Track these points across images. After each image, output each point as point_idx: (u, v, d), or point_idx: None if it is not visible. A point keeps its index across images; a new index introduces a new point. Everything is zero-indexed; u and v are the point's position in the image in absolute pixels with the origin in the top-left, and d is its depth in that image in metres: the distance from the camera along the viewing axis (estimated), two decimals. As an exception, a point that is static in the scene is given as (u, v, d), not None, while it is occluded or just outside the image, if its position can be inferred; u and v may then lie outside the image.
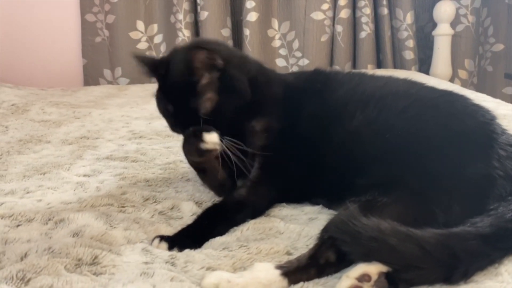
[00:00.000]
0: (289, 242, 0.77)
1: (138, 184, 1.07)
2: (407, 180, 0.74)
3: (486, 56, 2.66)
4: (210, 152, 0.87)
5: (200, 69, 0.86)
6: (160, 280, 0.65)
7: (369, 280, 0.60)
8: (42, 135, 1.51)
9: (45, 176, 1.14)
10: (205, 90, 0.87)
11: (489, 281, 0.62)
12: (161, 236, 0.76)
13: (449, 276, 0.61)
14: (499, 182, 0.74)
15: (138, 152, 1.30)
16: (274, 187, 0.88)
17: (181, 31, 2.50)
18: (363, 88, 0.91)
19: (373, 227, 0.62)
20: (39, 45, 2.57)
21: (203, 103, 0.87)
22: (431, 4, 2.61)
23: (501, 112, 1.51)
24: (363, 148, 0.82)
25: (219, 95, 0.88)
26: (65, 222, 0.84)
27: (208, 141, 0.85)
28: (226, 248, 0.76)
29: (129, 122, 1.65)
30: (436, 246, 0.61)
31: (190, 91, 0.87)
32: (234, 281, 0.63)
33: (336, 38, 2.58)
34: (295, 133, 0.92)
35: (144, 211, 0.91)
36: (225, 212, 0.83)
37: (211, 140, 0.85)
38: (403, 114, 0.82)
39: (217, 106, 0.87)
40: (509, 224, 0.68)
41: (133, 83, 2.51)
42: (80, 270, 0.68)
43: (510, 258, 0.66)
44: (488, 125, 0.82)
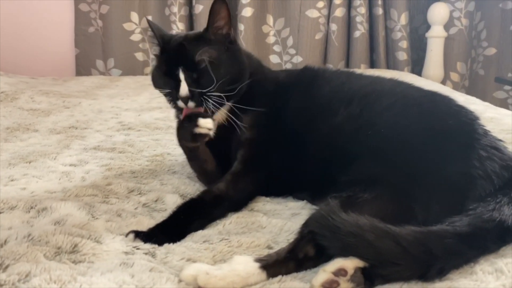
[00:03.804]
0: (271, 236, 0.78)
1: (124, 175, 1.07)
2: (388, 177, 0.74)
3: (478, 59, 2.68)
4: (204, 137, 0.87)
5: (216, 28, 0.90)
6: (139, 270, 0.65)
7: (345, 274, 0.61)
8: (30, 123, 1.50)
9: (31, 164, 1.13)
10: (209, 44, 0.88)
11: (464, 280, 0.62)
12: (135, 232, 0.75)
13: (424, 273, 0.62)
14: (478, 182, 0.75)
15: (126, 144, 1.30)
16: (255, 181, 0.89)
17: (176, 24, 2.49)
18: (349, 86, 0.92)
19: (352, 223, 0.63)
20: (32, 33, 2.54)
21: (204, 52, 0.87)
22: (425, 6, 2.62)
23: (489, 115, 1.53)
24: (345, 144, 0.83)
25: (220, 54, 0.89)
26: (47, 211, 0.84)
27: (202, 125, 0.85)
28: (207, 241, 0.76)
29: (119, 114, 1.65)
30: (413, 243, 0.62)
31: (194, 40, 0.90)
32: (213, 273, 0.63)
33: (330, 36, 2.59)
34: (281, 128, 0.93)
35: (128, 203, 0.91)
36: (202, 207, 0.83)
37: (205, 125, 0.85)
38: (386, 112, 0.83)
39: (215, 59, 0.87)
40: (486, 224, 0.68)
41: (126, 74, 2.50)
42: (60, 258, 0.68)
43: (486, 258, 0.67)
44: (470, 126, 0.83)
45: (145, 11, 2.54)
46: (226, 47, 0.91)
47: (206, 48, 0.88)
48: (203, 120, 0.85)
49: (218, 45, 0.90)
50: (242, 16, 2.52)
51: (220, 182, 0.87)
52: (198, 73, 0.87)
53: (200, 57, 0.86)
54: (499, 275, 0.63)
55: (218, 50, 0.89)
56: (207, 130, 0.85)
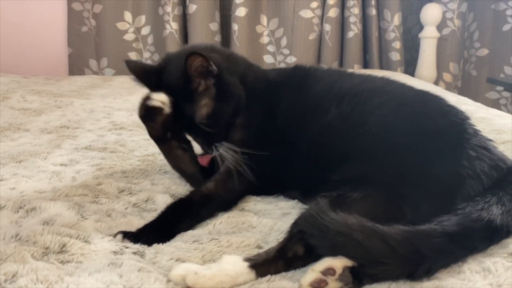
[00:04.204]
0: (260, 236, 0.78)
1: (115, 175, 1.06)
2: (377, 176, 0.75)
3: (471, 60, 2.70)
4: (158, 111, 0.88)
5: (196, 77, 0.86)
6: (128, 270, 0.65)
7: (333, 274, 0.61)
8: (21, 123, 1.49)
9: (21, 164, 1.12)
10: (202, 97, 0.87)
11: (451, 279, 0.63)
12: (124, 232, 0.75)
13: (412, 273, 0.62)
14: (468, 181, 0.75)
15: (117, 143, 1.29)
16: (245, 180, 0.88)
17: (169, 23, 2.49)
18: (340, 84, 0.92)
19: (341, 222, 0.63)
20: (24, 33, 2.52)
21: (199, 110, 0.87)
22: (418, 7, 2.63)
23: (480, 115, 1.54)
24: (336, 142, 0.83)
25: (215, 101, 0.88)
26: (36, 211, 0.83)
27: (155, 98, 0.87)
28: (196, 240, 0.76)
29: (111, 113, 1.64)
30: (401, 242, 0.62)
31: (186, 98, 0.87)
32: (201, 273, 0.63)
33: (324, 36, 2.59)
34: (272, 127, 0.92)
35: (118, 203, 0.91)
36: (191, 206, 0.83)
37: (158, 98, 0.87)
38: (377, 111, 0.83)
39: (213, 112, 0.87)
40: (475, 224, 0.69)
41: (119, 74, 2.49)
42: (47, 258, 0.67)
43: (474, 257, 0.67)
44: (460, 126, 0.83)
45: (138, 11, 2.53)
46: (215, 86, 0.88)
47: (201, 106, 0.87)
48: (156, 94, 0.87)
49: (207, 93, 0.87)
50: (235, 16, 2.52)
51: (209, 182, 0.87)
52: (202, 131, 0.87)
53: (200, 119, 0.87)
54: (487, 274, 0.63)
55: (210, 98, 0.87)
56: (160, 103, 0.87)
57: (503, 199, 0.73)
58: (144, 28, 2.55)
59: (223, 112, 0.88)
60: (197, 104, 0.87)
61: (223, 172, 0.88)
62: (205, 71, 0.86)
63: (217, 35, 2.55)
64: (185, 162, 0.95)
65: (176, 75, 0.88)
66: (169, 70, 0.90)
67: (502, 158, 0.82)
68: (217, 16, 2.55)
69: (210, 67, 0.86)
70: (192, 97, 0.87)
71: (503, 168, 0.80)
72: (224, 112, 0.89)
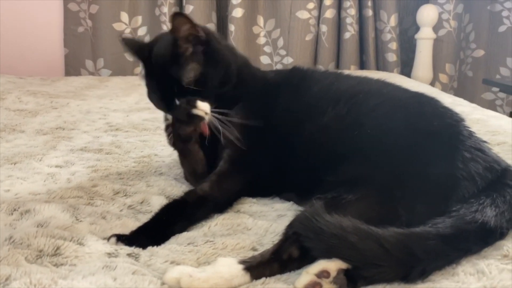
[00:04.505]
0: (256, 238, 0.78)
1: (110, 177, 1.06)
2: (373, 178, 0.75)
3: (467, 61, 2.71)
4: (200, 120, 0.88)
5: (184, 40, 0.88)
6: (122, 273, 0.64)
7: (328, 276, 0.61)
8: (16, 124, 1.49)
9: (16, 166, 1.12)
10: (189, 61, 0.88)
11: (445, 281, 0.63)
12: (118, 235, 0.74)
13: (407, 275, 0.62)
14: (462, 183, 0.75)
15: (113, 145, 1.29)
16: (241, 182, 0.88)
17: (166, 24, 2.48)
18: (337, 86, 0.92)
19: (335, 224, 0.63)
20: (20, 33, 2.51)
21: (186, 73, 0.87)
22: (414, 8, 2.64)
23: (475, 116, 1.55)
24: (331, 144, 0.83)
25: (203, 66, 0.89)
26: (31, 213, 0.83)
27: (200, 107, 0.87)
28: (191, 243, 0.75)
29: (107, 114, 1.64)
30: (395, 244, 0.62)
31: (174, 63, 0.89)
32: (196, 276, 0.63)
33: (320, 37, 2.60)
34: (268, 128, 0.92)
35: (113, 204, 0.90)
36: (185, 208, 0.82)
37: (202, 107, 0.87)
38: (373, 113, 0.83)
39: (200, 75, 0.88)
40: (469, 226, 0.69)
41: (116, 75, 2.48)
42: (41, 261, 0.67)
43: (468, 259, 0.67)
44: (455, 127, 0.83)
45: (135, 11, 2.53)
46: (203, 53, 0.89)
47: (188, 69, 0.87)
48: (201, 102, 0.87)
49: (195, 57, 0.89)
50: (232, 17, 2.52)
51: (204, 183, 0.87)
52: (191, 95, 0.87)
53: (187, 80, 0.87)
54: (481, 276, 0.63)
55: (197, 63, 0.89)
56: (203, 113, 0.87)
57: (497, 200, 0.74)
58: (140, 29, 2.55)
59: (212, 77, 0.89)
60: (185, 68, 0.88)
61: (218, 173, 0.88)
62: (193, 35, 0.88)
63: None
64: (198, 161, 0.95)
65: (165, 42, 0.90)
66: (160, 42, 0.93)
67: (497, 159, 0.83)
68: (214, 16, 2.55)
69: (198, 32, 0.89)
70: (180, 62, 0.88)
71: (497, 169, 0.80)
72: (213, 77, 0.89)
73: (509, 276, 0.63)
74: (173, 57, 0.89)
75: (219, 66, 0.91)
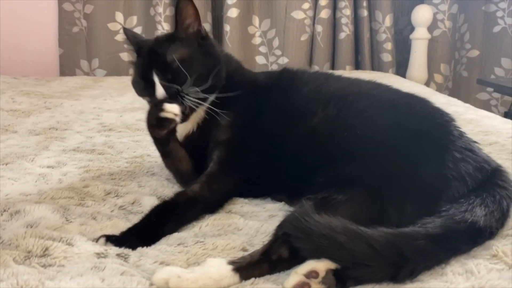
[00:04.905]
0: (246, 239, 0.78)
1: (102, 177, 1.06)
2: (362, 178, 0.74)
3: (462, 61, 2.72)
4: (170, 123, 0.87)
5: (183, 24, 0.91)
6: (110, 274, 0.64)
7: (316, 276, 0.61)
8: (9, 124, 1.48)
9: (7, 166, 1.11)
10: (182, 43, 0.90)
11: (434, 281, 0.63)
12: (107, 236, 0.74)
13: (395, 275, 0.62)
14: (452, 183, 0.75)
15: (106, 145, 1.29)
16: (231, 182, 0.88)
17: (161, 24, 2.48)
18: (327, 88, 0.93)
19: (324, 225, 0.63)
20: (15, 33, 2.50)
21: (174, 50, 0.88)
22: (409, 8, 2.65)
23: (469, 116, 1.55)
24: (321, 145, 0.83)
25: (193, 52, 0.91)
26: (20, 214, 0.83)
27: (168, 110, 0.86)
28: (181, 243, 0.75)
29: (100, 115, 1.63)
30: (384, 245, 0.62)
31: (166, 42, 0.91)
32: (185, 276, 0.62)
33: (316, 38, 2.60)
34: (259, 129, 0.92)
35: (104, 205, 0.90)
36: (176, 209, 0.82)
37: (171, 110, 0.86)
38: (363, 114, 0.83)
39: (188, 58, 0.89)
40: (458, 226, 0.69)
41: (110, 75, 2.48)
42: (29, 262, 0.66)
43: (457, 259, 0.67)
44: (445, 128, 0.83)
45: (130, 11, 2.52)
46: (198, 43, 0.92)
47: (175, 47, 0.89)
48: (169, 105, 0.86)
49: (189, 42, 0.91)
50: (228, 17, 2.52)
51: (194, 184, 0.86)
52: (171, 73, 0.87)
53: (171, 56, 0.87)
54: (469, 276, 0.63)
55: (189, 47, 0.91)
56: (172, 115, 0.86)
57: (487, 200, 0.74)
58: (135, 29, 2.54)
59: (198, 64, 0.90)
60: (175, 46, 0.89)
61: (208, 174, 0.88)
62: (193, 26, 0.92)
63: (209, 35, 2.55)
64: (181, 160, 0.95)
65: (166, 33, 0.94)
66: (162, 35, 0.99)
67: (487, 159, 0.83)
68: (209, 16, 2.55)
69: (199, 24, 0.92)
70: (173, 40, 0.91)
71: (487, 169, 0.80)
72: (199, 64, 0.90)
73: (497, 276, 0.63)
74: (167, 38, 0.92)
75: (209, 60, 0.93)
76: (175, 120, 0.87)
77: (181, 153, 0.94)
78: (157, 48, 0.90)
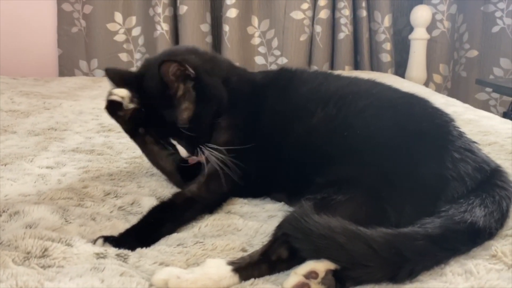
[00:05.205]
0: (246, 239, 0.78)
1: (101, 178, 1.05)
2: (361, 179, 0.74)
3: (461, 61, 2.72)
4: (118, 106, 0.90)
5: (174, 82, 0.86)
6: (110, 274, 0.64)
7: (316, 277, 0.61)
8: (8, 125, 1.48)
9: (6, 167, 1.11)
10: (181, 101, 0.87)
11: (433, 281, 0.63)
12: (105, 237, 0.74)
13: (395, 275, 0.62)
14: (451, 183, 0.75)
15: (105, 146, 1.29)
16: (229, 183, 0.88)
17: (160, 24, 2.48)
18: (326, 87, 0.92)
19: (324, 225, 0.63)
20: (14, 34, 2.50)
21: (180, 114, 0.87)
22: (408, 8, 2.65)
23: (468, 117, 1.55)
24: (320, 145, 0.83)
25: (196, 104, 0.88)
26: (20, 214, 0.82)
27: (115, 93, 0.89)
28: (181, 244, 0.75)
29: (99, 115, 1.63)
30: (383, 245, 0.62)
31: (166, 104, 0.87)
32: (184, 277, 0.62)
33: (315, 38, 2.60)
34: (257, 129, 0.92)
35: (104, 206, 0.90)
36: (173, 210, 0.82)
37: (118, 93, 0.89)
38: (362, 113, 0.83)
39: (194, 115, 0.88)
40: (457, 226, 0.69)
41: (109, 75, 2.48)
42: (29, 263, 0.66)
43: (457, 259, 0.67)
44: (445, 128, 0.83)
45: (129, 12, 2.52)
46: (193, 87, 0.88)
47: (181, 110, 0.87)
48: (117, 89, 0.90)
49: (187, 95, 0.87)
50: (226, 17, 2.52)
51: (192, 184, 0.87)
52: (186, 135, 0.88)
53: (182, 123, 0.87)
54: (469, 277, 0.63)
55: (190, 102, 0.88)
56: (119, 97, 0.89)
57: (486, 201, 0.74)
58: (134, 29, 2.54)
59: (205, 114, 0.89)
60: (178, 109, 0.87)
61: (206, 174, 0.88)
62: (182, 75, 0.86)
63: (208, 36, 2.55)
64: (162, 158, 0.96)
65: (154, 82, 0.88)
66: (148, 77, 0.90)
67: (486, 160, 0.83)
68: (208, 17, 2.55)
69: (187, 70, 0.86)
70: (172, 103, 0.87)
71: (486, 170, 0.80)
72: (206, 114, 0.89)
73: (496, 276, 0.63)
74: (165, 99, 0.87)
75: (211, 101, 0.90)
76: (123, 103, 0.89)
77: (160, 152, 0.95)
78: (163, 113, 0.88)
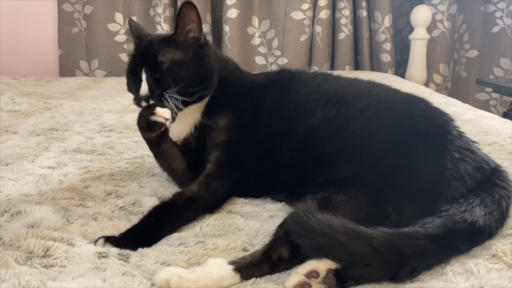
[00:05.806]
0: (247, 239, 0.78)
1: (102, 178, 1.06)
2: (362, 178, 0.75)
3: (461, 61, 2.72)
4: (160, 126, 0.88)
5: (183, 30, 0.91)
6: (112, 274, 0.64)
7: (317, 276, 0.61)
8: (9, 125, 1.48)
9: (8, 167, 1.11)
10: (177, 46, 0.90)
11: (434, 281, 0.63)
12: (106, 237, 0.74)
13: (395, 274, 0.62)
14: (451, 183, 0.76)
15: (106, 146, 1.29)
16: (229, 183, 0.88)
17: (160, 24, 2.48)
18: (325, 88, 0.93)
19: (325, 223, 0.63)
20: (14, 34, 2.51)
21: (168, 53, 0.89)
22: (408, 8, 2.66)
23: (468, 116, 1.56)
24: (320, 145, 0.83)
25: (187, 57, 0.90)
26: (21, 214, 0.83)
27: (159, 114, 0.86)
28: (182, 244, 0.75)
29: (100, 115, 1.63)
30: (384, 244, 0.62)
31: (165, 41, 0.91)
32: (186, 277, 0.63)
33: (315, 38, 2.60)
34: (257, 129, 0.93)
35: (105, 206, 0.90)
36: (174, 209, 0.82)
37: (162, 114, 0.86)
38: (362, 114, 0.83)
39: (179, 61, 0.89)
40: (458, 225, 0.69)
41: (110, 75, 2.48)
42: (31, 263, 0.67)
43: (457, 259, 0.68)
44: (444, 127, 0.83)
45: (129, 12, 2.53)
46: (194, 50, 0.92)
47: (170, 49, 0.89)
48: (161, 109, 0.86)
49: (185, 48, 0.91)
50: (227, 18, 2.52)
51: (192, 184, 0.87)
52: (160, 73, 0.88)
53: (163, 57, 0.88)
54: (469, 276, 0.64)
55: (183, 52, 0.90)
56: (163, 119, 0.86)
57: (486, 200, 0.74)
58: (135, 30, 2.54)
59: (187, 71, 0.89)
60: (170, 48, 0.89)
61: (205, 175, 0.88)
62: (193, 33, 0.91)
63: (209, 36, 2.55)
64: (174, 159, 0.95)
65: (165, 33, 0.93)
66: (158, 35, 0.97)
67: (486, 159, 0.83)
68: (209, 17, 2.56)
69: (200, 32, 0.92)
70: (169, 42, 0.90)
71: (486, 169, 0.80)
72: (188, 72, 0.90)
73: (497, 275, 0.63)
74: (165, 39, 0.92)
75: (200, 68, 0.92)
76: (166, 124, 0.88)
77: (174, 152, 0.95)
78: (153, 46, 0.91)
